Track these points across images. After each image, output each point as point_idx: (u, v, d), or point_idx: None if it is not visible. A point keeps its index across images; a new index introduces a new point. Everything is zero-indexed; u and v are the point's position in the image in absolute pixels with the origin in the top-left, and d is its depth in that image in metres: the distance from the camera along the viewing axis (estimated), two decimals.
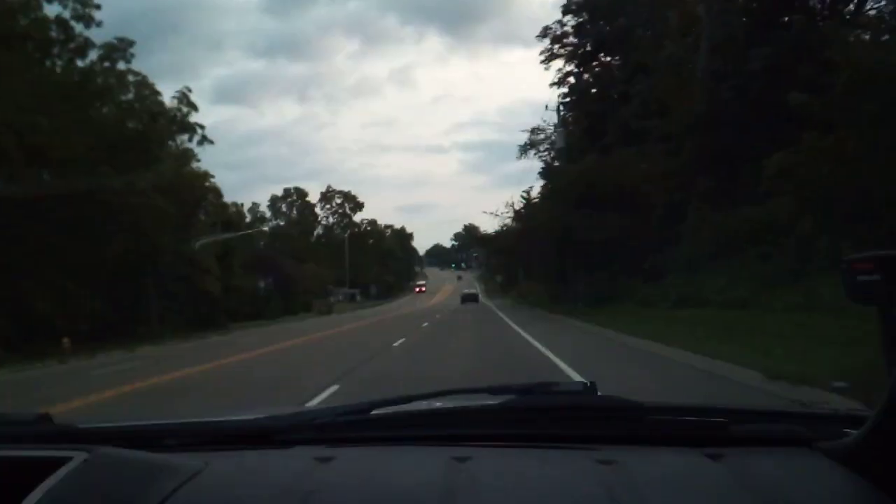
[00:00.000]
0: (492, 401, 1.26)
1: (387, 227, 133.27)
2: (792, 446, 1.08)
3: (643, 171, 24.94)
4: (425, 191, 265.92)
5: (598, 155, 28.88)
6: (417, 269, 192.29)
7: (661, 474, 1.00)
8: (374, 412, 1.30)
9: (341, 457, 1.10)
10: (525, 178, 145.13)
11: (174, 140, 33.13)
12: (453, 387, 1.47)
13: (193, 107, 32.53)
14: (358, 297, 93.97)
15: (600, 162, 28.03)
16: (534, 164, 61.23)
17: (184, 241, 33.68)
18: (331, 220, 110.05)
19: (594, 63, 37.45)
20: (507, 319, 27.16)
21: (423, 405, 1.39)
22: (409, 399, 1.38)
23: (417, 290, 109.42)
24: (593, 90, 37.32)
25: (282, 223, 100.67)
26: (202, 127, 33.28)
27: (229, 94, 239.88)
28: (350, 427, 1.27)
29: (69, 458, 0.95)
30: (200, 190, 37.27)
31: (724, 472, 0.99)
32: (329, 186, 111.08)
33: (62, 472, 0.92)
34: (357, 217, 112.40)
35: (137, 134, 28.88)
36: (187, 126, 32.44)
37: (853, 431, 0.99)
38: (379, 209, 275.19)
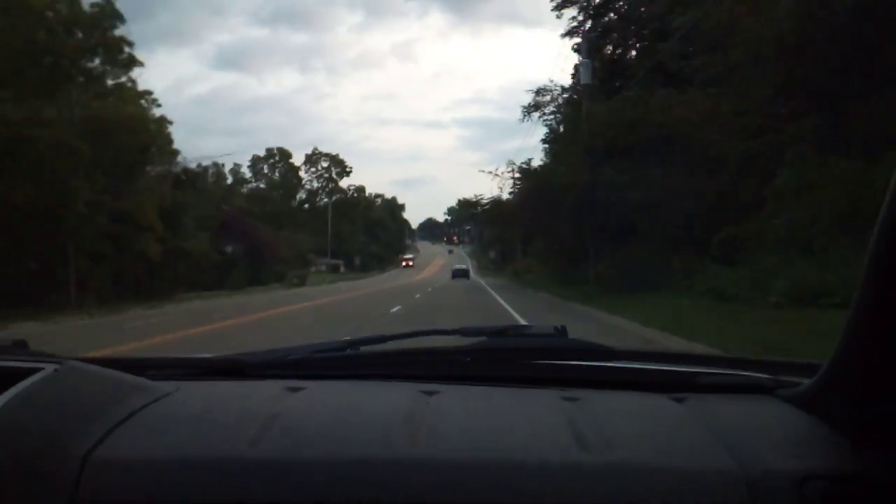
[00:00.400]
0: (464, 342, 1.31)
1: (377, 196, 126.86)
2: (754, 393, 1.11)
3: (700, 112, 18.40)
4: (422, 166, 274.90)
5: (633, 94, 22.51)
6: (409, 242, 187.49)
7: (624, 410, 1.03)
8: (348, 350, 1.36)
9: (311, 388, 1.11)
10: (521, 157, 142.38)
11: (98, 63, 26.61)
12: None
13: (119, 17, 25.74)
14: (343, 269, 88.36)
15: (641, 98, 21.19)
16: (530, 141, 57.02)
17: (118, 194, 27.37)
18: (315, 184, 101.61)
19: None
20: (508, 307, 20.66)
21: (397, 345, 1.42)
22: (384, 339, 1.46)
23: (404, 264, 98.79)
24: (615, 34, 31.00)
25: (262, 185, 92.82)
26: (130, 44, 26.97)
27: (230, 60, 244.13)
28: (324, 363, 1.30)
29: (40, 369, 0.97)
30: (149, 137, 30.81)
31: (686, 412, 1.01)
32: (315, 149, 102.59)
33: (33, 378, 0.94)
34: (344, 183, 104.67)
35: (45, 49, 22.37)
36: (110, 43, 25.73)
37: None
38: (375, 182, 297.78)
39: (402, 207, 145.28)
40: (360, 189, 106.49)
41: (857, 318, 0.79)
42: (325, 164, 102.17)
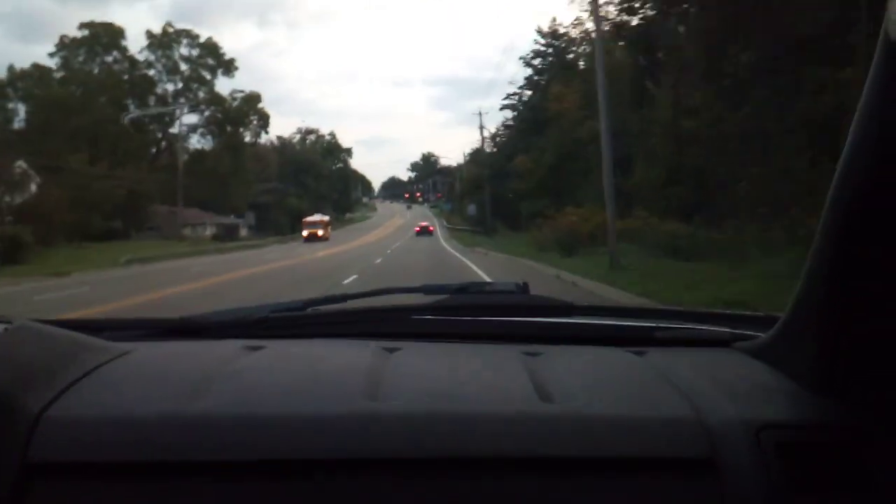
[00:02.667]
0: (426, 300, 1.31)
1: (308, 131, 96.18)
2: (713, 347, 1.12)
3: None
4: (387, 125, 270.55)
5: None
6: (366, 199, 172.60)
7: (585, 364, 1.04)
8: (309, 309, 1.34)
9: (270, 346, 1.09)
10: (489, 119, 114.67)
11: None
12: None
13: None
14: (246, 230, 57.86)
15: None
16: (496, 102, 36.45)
17: None
18: (178, 84, 57.58)
19: None
20: None
21: (358, 303, 1.39)
22: (346, 297, 1.44)
23: (306, 233, 53.88)
24: None
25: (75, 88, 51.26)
26: None
27: (186, 13, 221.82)
28: (283, 323, 1.28)
29: None
30: None
31: (646, 364, 1.03)
32: (168, 24, 59.40)
33: None
34: (225, 87, 63.98)
35: None
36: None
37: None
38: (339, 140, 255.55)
39: (347, 152, 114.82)
40: (253, 98, 60.61)
41: (814, 271, 0.80)
42: (186, 52, 57.15)
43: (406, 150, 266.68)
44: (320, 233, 53.67)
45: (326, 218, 59.59)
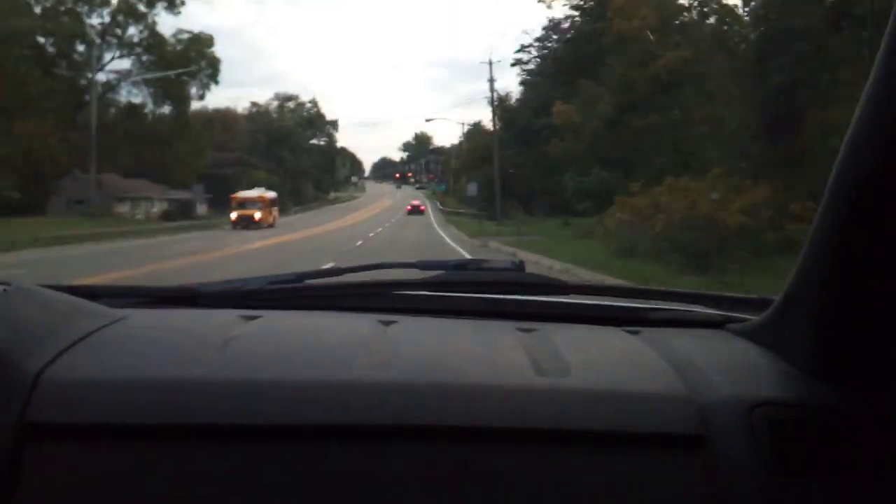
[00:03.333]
0: (423, 275, 1.30)
1: (286, 98, 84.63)
2: (705, 328, 1.13)
3: None
4: (382, 106, 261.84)
5: None
6: (355, 179, 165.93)
7: (579, 340, 1.04)
8: (306, 282, 1.32)
9: (267, 316, 1.09)
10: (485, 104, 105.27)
11: None
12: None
13: None
14: (206, 206, 46.75)
15: None
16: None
17: None
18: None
19: None
20: None
21: (355, 277, 1.40)
22: (342, 271, 1.49)
23: (236, 216, 37.17)
24: None
25: None
26: None
27: None
28: (280, 294, 1.27)
29: None
30: None
31: (640, 343, 1.03)
32: None
33: None
34: (167, 25, 49.32)
35: None
36: None
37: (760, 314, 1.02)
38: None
39: (333, 125, 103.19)
40: (203, 41, 46.23)
41: (812, 254, 0.81)
42: None
43: (400, 133, 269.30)
44: (258, 216, 37.16)
45: (270, 194, 41.75)
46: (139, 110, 45.29)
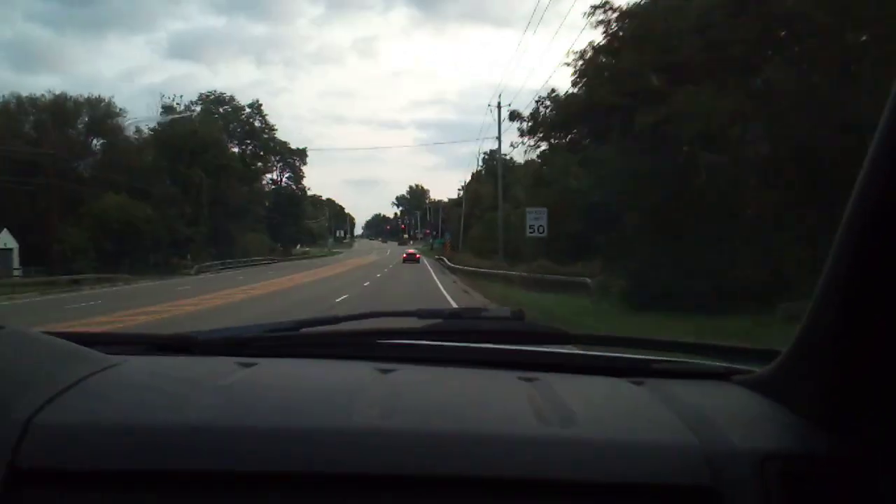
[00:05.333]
0: (420, 324, 1.27)
1: (216, 100, 58.86)
2: (710, 379, 1.11)
3: None
4: (376, 167, 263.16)
5: None
6: (340, 233, 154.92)
7: (583, 390, 1.02)
8: (302, 330, 1.32)
9: (263, 364, 1.07)
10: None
11: None
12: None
13: None
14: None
15: None
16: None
17: None
18: None
19: None
20: None
21: (352, 326, 1.37)
22: (338, 319, 1.41)
23: None
24: None
25: None
26: None
27: (185, 50, 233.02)
28: (276, 342, 1.26)
29: None
30: None
31: (645, 393, 1.01)
32: None
33: None
34: None
35: None
36: None
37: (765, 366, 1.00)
38: (326, 182, 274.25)
39: (299, 154, 77.41)
40: None
41: (821, 307, 0.79)
42: None
43: (393, 190, 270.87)
44: None
45: None
46: None
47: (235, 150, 59.11)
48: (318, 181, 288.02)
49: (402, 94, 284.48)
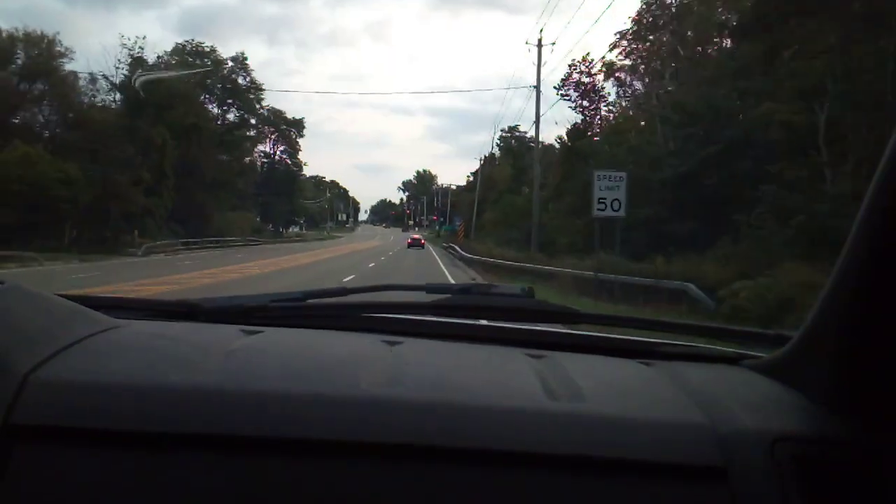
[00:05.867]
0: (428, 298, 1.28)
1: (195, 49, 50.64)
2: (721, 363, 1.10)
3: None
4: (385, 152, 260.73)
5: None
6: (343, 216, 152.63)
7: (592, 367, 1.02)
8: (309, 301, 1.32)
9: (269, 332, 1.07)
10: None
11: None
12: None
13: None
14: None
15: None
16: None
17: None
18: None
19: None
20: None
21: (360, 298, 1.38)
22: (347, 292, 1.43)
23: None
24: None
25: None
26: None
27: (196, 26, 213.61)
28: (283, 312, 1.25)
29: None
30: None
31: (655, 373, 1.01)
32: None
33: None
34: None
35: None
36: None
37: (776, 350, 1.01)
38: (335, 166, 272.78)
39: (296, 126, 69.46)
40: None
41: (834, 291, 0.80)
42: None
43: (401, 176, 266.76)
44: None
45: None
46: None
47: (216, 112, 51.02)
48: (325, 164, 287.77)
49: (415, 81, 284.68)
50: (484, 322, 1.23)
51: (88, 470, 0.72)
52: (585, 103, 39.61)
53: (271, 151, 72.04)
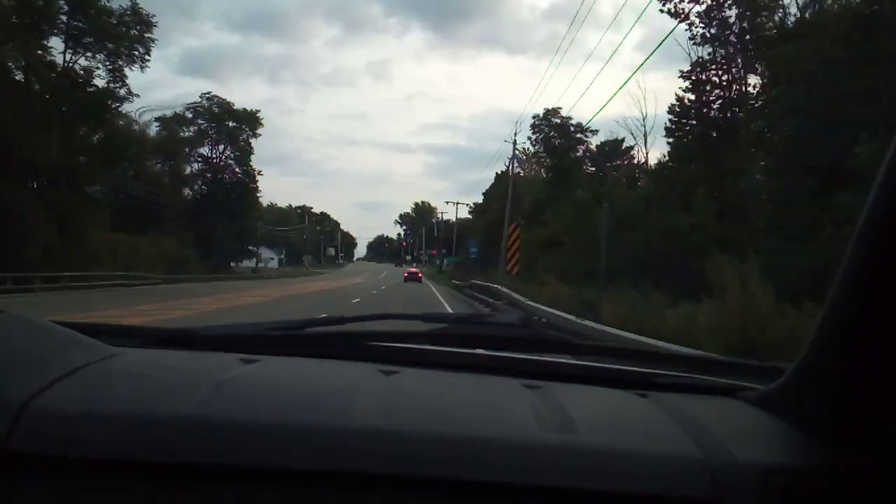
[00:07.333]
0: (425, 327, 1.30)
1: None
2: (715, 394, 1.10)
3: None
4: (385, 190, 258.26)
5: None
6: (331, 251, 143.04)
7: (587, 399, 1.02)
8: (306, 329, 1.33)
9: (265, 360, 1.07)
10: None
11: None
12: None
13: None
14: None
15: None
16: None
17: None
18: None
19: None
20: None
21: (357, 327, 1.37)
22: (344, 320, 1.42)
23: None
24: None
25: None
26: None
27: (197, 67, 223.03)
28: (280, 340, 1.27)
29: None
30: None
31: (649, 405, 1.00)
32: None
33: None
34: None
35: None
36: None
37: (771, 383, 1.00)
38: (335, 205, 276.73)
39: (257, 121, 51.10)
40: None
41: (830, 323, 0.79)
42: None
43: (399, 213, 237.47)
44: None
45: None
46: None
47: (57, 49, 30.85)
48: (326, 204, 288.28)
49: (414, 118, 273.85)
50: (481, 351, 1.22)
51: (80, 499, 0.72)
52: None
53: (213, 156, 53.33)
